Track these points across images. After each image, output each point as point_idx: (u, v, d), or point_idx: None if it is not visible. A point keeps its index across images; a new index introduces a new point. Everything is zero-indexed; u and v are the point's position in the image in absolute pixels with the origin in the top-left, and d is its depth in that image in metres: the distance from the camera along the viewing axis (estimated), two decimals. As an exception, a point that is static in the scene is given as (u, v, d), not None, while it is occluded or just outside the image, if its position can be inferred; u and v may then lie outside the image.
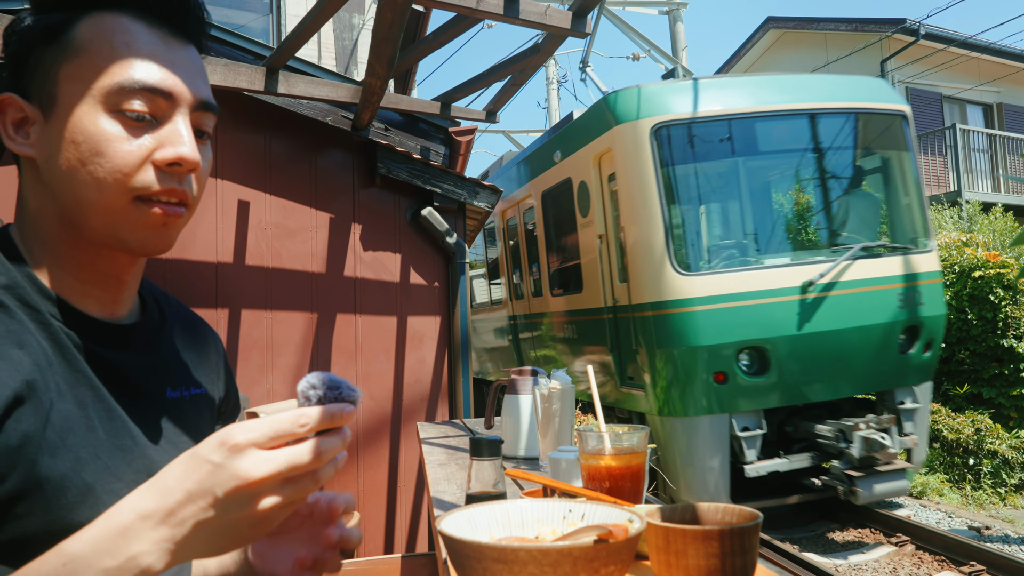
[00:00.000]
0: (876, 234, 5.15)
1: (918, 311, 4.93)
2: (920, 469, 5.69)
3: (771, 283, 4.64)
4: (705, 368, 4.55)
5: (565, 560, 0.65)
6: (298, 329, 3.48)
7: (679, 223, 4.77)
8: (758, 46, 16.80)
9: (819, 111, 4.96)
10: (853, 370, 4.82)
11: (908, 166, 5.25)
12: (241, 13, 7.40)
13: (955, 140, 13.00)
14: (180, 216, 0.75)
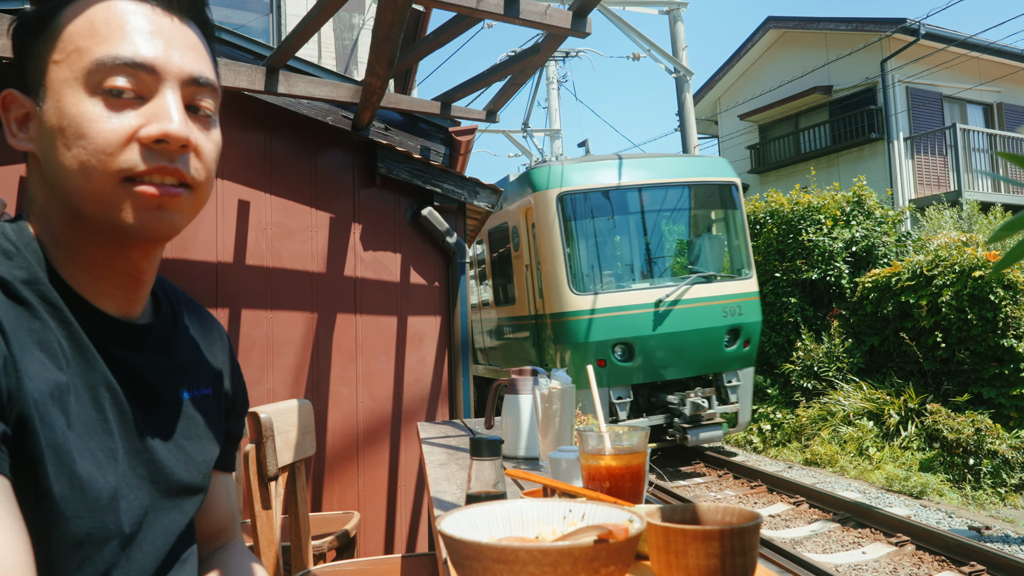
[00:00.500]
0: (711, 266, 7.46)
1: (739, 319, 7.18)
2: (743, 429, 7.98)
3: (635, 300, 6.89)
4: (591, 356, 6.75)
5: (565, 560, 0.65)
6: (298, 329, 3.48)
7: (574, 260, 6.99)
8: (758, 46, 16.79)
9: (670, 184, 7.32)
10: (692, 359, 7.04)
11: (738, 219, 7.62)
12: (241, 13, 7.40)
13: (955, 140, 13.00)
14: (179, 197, 0.72)
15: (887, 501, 6.38)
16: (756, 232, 9.74)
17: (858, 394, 8.13)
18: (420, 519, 3.69)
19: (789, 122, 16.52)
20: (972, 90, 14.75)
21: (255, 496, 1.80)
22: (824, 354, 8.63)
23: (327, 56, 7.55)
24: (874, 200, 9.50)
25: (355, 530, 2.56)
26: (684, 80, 12.02)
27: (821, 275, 9.01)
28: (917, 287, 7.97)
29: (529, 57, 3.24)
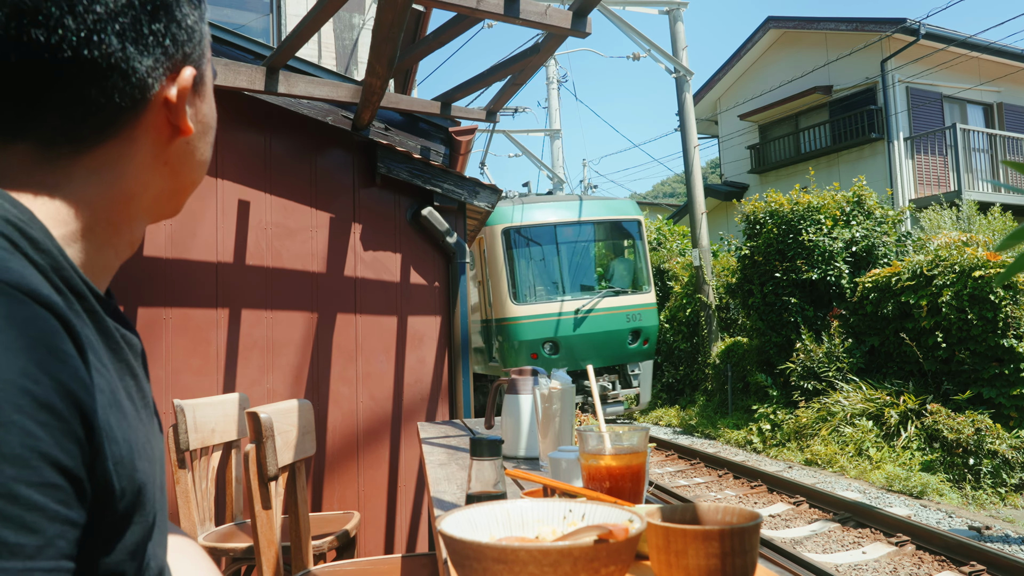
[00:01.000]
0: (618, 283, 9.72)
1: (639, 323, 9.46)
2: (644, 406, 10.01)
3: (560, 309, 9.09)
4: (527, 351, 8.97)
5: (565, 560, 0.65)
6: (298, 329, 3.48)
7: (515, 278, 9.16)
8: (758, 46, 16.79)
9: (589, 221, 9.60)
10: (604, 353, 9.21)
11: (640, 247, 9.90)
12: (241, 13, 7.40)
13: (955, 140, 13.00)
14: None
15: (887, 501, 6.38)
16: (756, 232, 9.74)
17: (858, 394, 8.13)
18: (420, 519, 3.69)
19: (789, 122, 16.52)
20: (972, 90, 14.75)
21: (255, 496, 1.80)
22: (824, 354, 8.63)
23: (327, 56, 7.55)
24: (874, 200, 9.50)
25: (355, 530, 2.56)
26: (684, 80, 12.02)
27: (821, 275, 9.01)
28: (917, 287, 7.97)
29: (529, 57, 3.24)
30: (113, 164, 0.63)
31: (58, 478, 0.46)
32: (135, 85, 0.60)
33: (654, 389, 13.19)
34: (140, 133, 0.64)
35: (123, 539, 0.55)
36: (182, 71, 0.65)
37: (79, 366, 0.50)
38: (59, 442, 0.46)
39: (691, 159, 12.00)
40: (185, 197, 0.73)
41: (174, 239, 3.27)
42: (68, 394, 0.48)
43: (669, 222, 16.79)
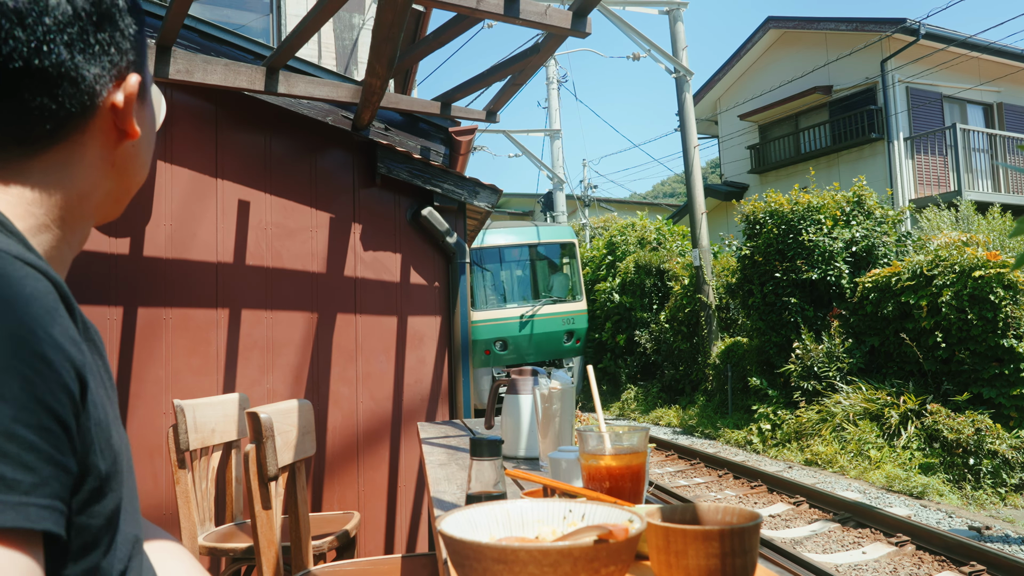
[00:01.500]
0: (556, 293, 11.56)
1: (572, 326, 11.39)
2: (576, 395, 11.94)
3: (509, 314, 10.98)
4: (482, 348, 10.65)
5: (565, 560, 0.65)
6: (298, 329, 3.48)
7: (473, 290, 10.64)
8: (758, 46, 16.79)
9: (533, 243, 11.66)
10: (543, 350, 11.14)
11: (575, 264, 11.91)
12: (241, 13, 7.40)
13: (955, 140, 13.00)
14: None
15: (887, 501, 6.38)
16: (756, 232, 9.74)
17: (858, 394, 8.12)
18: (420, 519, 3.69)
19: (789, 122, 16.52)
20: (972, 90, 14.75)
21: (255, 496, 1.80)
22: (824, 354, 8.63)
23: (327, 56, 7.55)
24: (874, 200, 9.50)
25: (355, 530, 2.56)
26: (684, 80, 12.02)
27: (821, 275, 9.00)
28: (917, 287, 7.97)
29: (529, 57, 3.24)
30: (64, 165, 0.67)
31: (52, 423, 0.49)
32: (84, 92, 0.64)
33: (653, 389, 13.23)
34: (89, 137, 0.67)
35: (102, 503, 0.58)
36: (128, 78, 0.69)
37: (70, 325, 0.54)
38: (52, 391, 0.50)
39: (691, 159, 12.00)
40: (128, 199, 0.77)
41: (174, 239, 3.27)
42: (61, 349, 0.51)
43: (669, 222, 16.79)
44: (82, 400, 0.54)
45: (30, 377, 0.48)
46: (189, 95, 3.27)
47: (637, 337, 13.77)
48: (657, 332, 13.35)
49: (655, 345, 13.42)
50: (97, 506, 0.58)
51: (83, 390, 0.54)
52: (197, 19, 3.19)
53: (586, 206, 22.51)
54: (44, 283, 0.53)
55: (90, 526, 0.58)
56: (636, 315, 13.96)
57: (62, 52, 0.61)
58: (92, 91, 0.65)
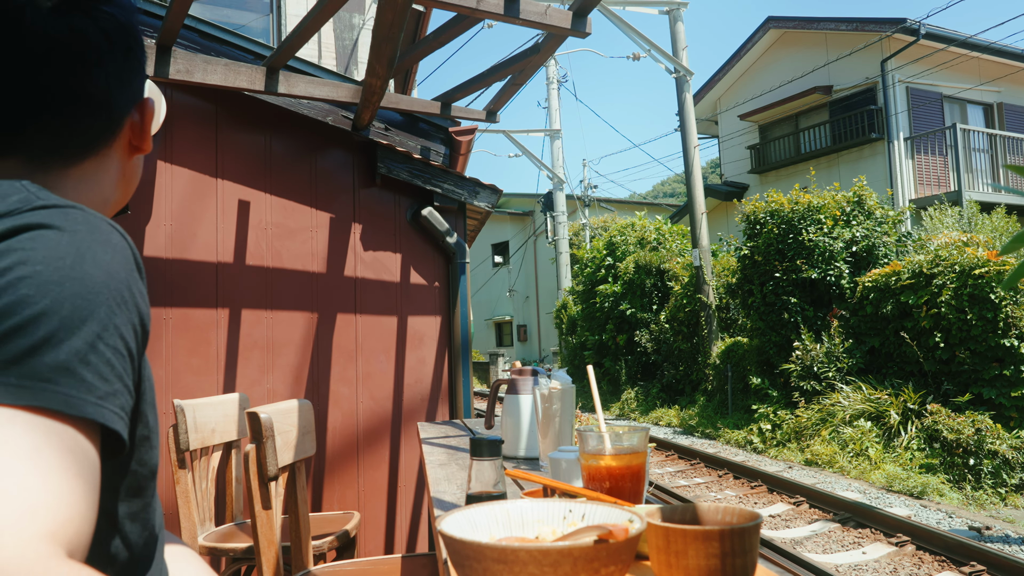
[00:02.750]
0: None
1: None
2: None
3: None
4: None
5: (565, 560, 0.65)
6: (298, 329, 3.48)
7: None
8: (758, 46, 16.79)
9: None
10: None
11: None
12: (241, 13, 7.40)
13: (955, 140, 13.00)
14: None
15: (887, 501, 6.38)
16: (756, 232, 9.74)
17: (858, 394, 8.12)
18: (420, 519, 3.69)
19: (789, 122, 16.52)
20: (972, 90, 14.74)
21: (255, 496, 1.80)
22: (824, 354, 8.63)
23: (327, 56, 7.55)
24: (874, 200, 9.50)
25: (355, 530, 2.56)
26: (684, 80, 12.02)
27: (821, 275, 9.00)
28: (917, 287, 7.97)
29: (529, 57, 3.24)
30: (93, 175, 0.78)
31: (124, 350, 0.58)
32: (115, 113, 0.77)
33: (653, 389, 13.21)
34: (113, 151, 0.80)
35: (149, 453, 0.70)
36: (146, 100, 0.82)
37: (139, 280, 0.64)
38: (125, 324, 0.59)
39: (691, 159, 12.00)
40: (118, 209, 0.87)
41: (174, 239, 3.27)
42: (132, 294, 0.61)
43: (669, 222, 16.80)
44: (143, 347, 0.64)
45: (113, 307, 0.58)
46: (189, 95, 3.27)
47: (637, 337, 13.77)
48: (657, 332, 13.35)
49: (655, 345, 13.42)
50: (145, 455, 0.69)
51: (145, 338, 0.64)
52: (197, 19, 3.19)
53: (586, 206, 22.52)
54: (124, 241, 0.64)
55: (137, 472, 0.68)
56: (636, 315, 13.96)
57: (105, 82, 0.74)
58: (121, 113, 0.78)
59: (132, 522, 0.69)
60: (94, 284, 0.56)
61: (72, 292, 0.55)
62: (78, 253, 0.57)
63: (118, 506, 0.66)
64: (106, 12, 0.73)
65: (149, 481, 0.71)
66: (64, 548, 0.45)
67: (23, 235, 0.56)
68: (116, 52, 0.74)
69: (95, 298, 0.56)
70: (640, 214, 16.32)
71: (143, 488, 0.70)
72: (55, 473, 0.48)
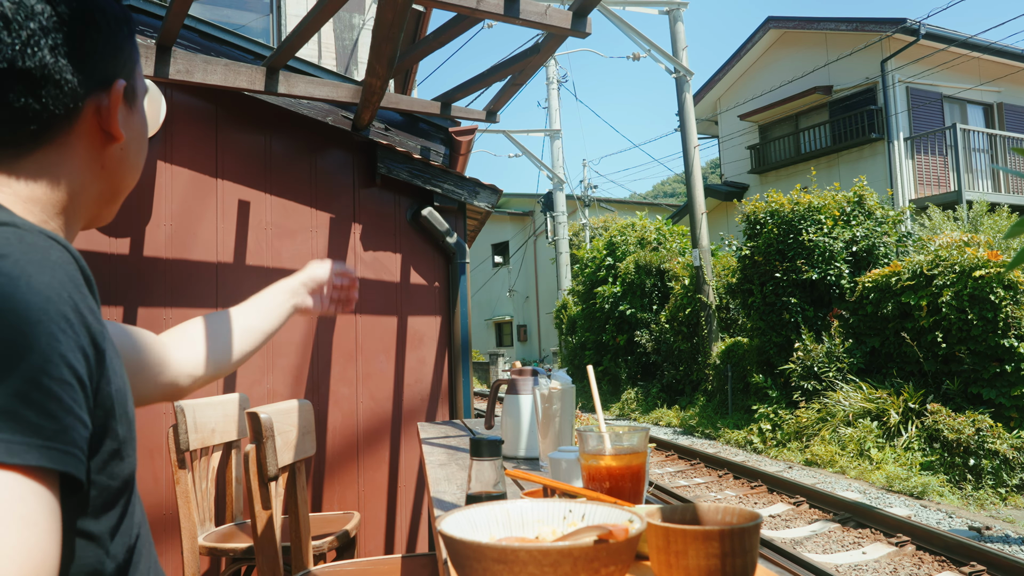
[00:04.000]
0: None
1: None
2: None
3: None
4: None
5: (565, 560, 0.65)
6: (298, 329, 3.48)
7: None
8: (758, 46, 16.79)
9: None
10: None
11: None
12: (241, 13, 7.40)
13: (955, 140, 13.00)
14: None
15: (887, 501, 6.38)
16: (756, 232, 9.74)
17: (858, 394, 8.12)
18: (420, 519, 3.69)
19: (789, 122, 16.52)
20: (972, 90, 14.74)
21: (255, 496, 1.80)
22: (824, 354, 8.63)
23: (327, 56, 7.55)
24: (875, 200, 9.50)
25: (355, 530, 2.56)
26: (684, 80, 12.02)
27: (821, 275, 9.00)
28: (917, 287, 7.97)
29: (529, 57, 3.24)
30: (53, 165, 0.71)
31: (72, 379, 0.54)
32: (67, 94, 0.68)
33: (653, 389, 13.21)
34: (75, 139, 0.72)
35: (120, 466, 0.65)
36: (114, 83, 0.73)
37: (88, 295, 0.59)
38: (72, 349, 0.54)
39: (691, 159, 12.00)
40: (118, 202, 0.82)
41: (174, 239, 3.27)
42: (80, 314, 0.56)
43: (669, 222, 16.79)
44: (99, 366, 0.59)
45: (55, 334, 0.53)
46: (189, 95, 3.27)
47: (637, 337, 13.77)
48: (657, 332, 13.35)
49: (655, 345, 13.42)
50: (116, 468, 0.64)
51: (100, 356, 0.59)
52: (197, 19, 3.19)
53: (586, 206, 22.52)
54: (67, 254, 0.59)
55: (109, 487, 0.63)
56: (636, 315, 13.96)
57: (46, 55, 0.65)
58: (76, 94, 0.69)
59: (112, 536, 0.66)
60: (30, 312, 0.51)
61: (6, 325, 0.50)
62: (10, 279, 0.51)
63: (96, 524, 0.63)
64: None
65: (123, 492, 0.67)
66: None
67: None
68: (70, 25, 0.66)
69: (34, 328, 0.51)
70: (641, 214, 16.33)
71: (117, 501, 0.66)
72: (12, 524, 0.46)
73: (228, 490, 2.77)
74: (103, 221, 0.82)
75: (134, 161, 0.80)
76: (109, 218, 0.82)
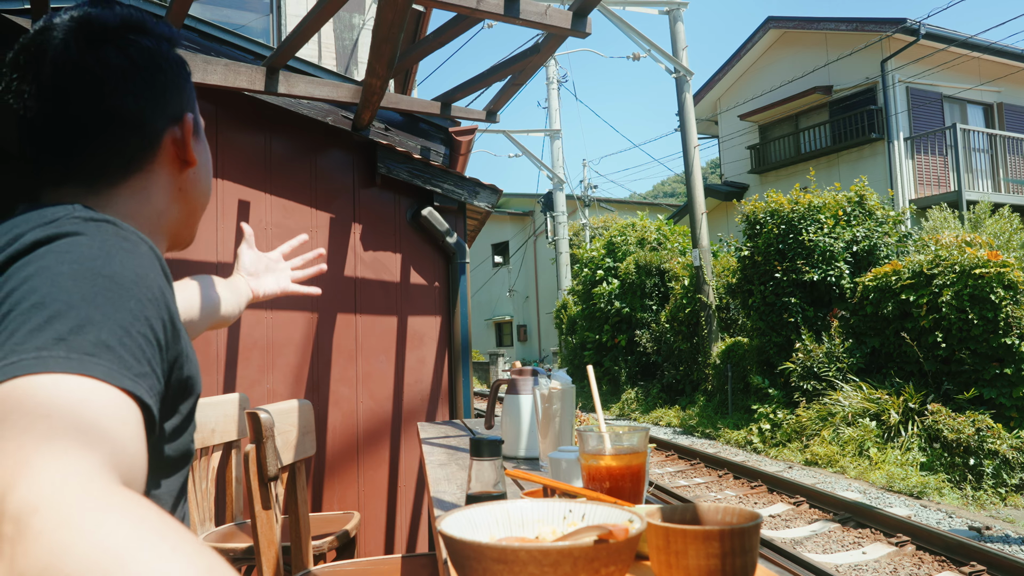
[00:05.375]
0: None
1: None
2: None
3: None
4: None
5: (565, 560, 0.65)
6: (298, 329, 3.48)
7: None
8: (758, 46, 16.79)
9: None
10: None
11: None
12: (241, 13, 7.40)
13: (955, 140, 13.00)
14: None
15: (887, 501, 6.38)
16: (756, 232, 9.74)
17: (858, 394, 8.12)
18: (420, 519, 3.69)
19: (789, 122, 16.52)
20: (972, 90, 14.74)
21: (255, 496, 1.80)
22: (824, 354, 8.63)
23: (327, 56, 7.55)
24: (875, 200, 9.50)
25: (355, 530, 2.56)
26: (684, 80, 12.02)
27: (821, 275, 9.00)
28: (917, 287, 7.97)
29: (529, 57, 3.24)
30: (142, 190, 0.85)
31: (154, 340, 0.64)
32: (148, 132, 0.83)
33: (654, 389, 13.21)
34: (157, 166, 0.87)
35: (180, 441, 0.80)
36: (185, 116, 0.88)
37: (167, 287, 0.72)
38: (155, 318, 0.65)
39: (691, 159, 12.00)
40: (196, 222, 0.95)
41: (174, 239, 3.27)
42: (164, 295, 0.69)
43: (669, 222, 16.79)
44: (175, 342, 0.71)
45: (143, 302, 0.64)
46: (189, 95, 3.26)
47: (637, 337, 13.77)
48: (657, 332, 13.35)
49: (655, 345, 13.42)
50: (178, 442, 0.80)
51: (176, 335, 0.71)
52: (197, 19, 3.19)
53: (586, 206, 22.52)
54: (153, 252, 0.72)
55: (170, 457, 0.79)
56: (636, 316, 13.96)
57: (128, 101, 0.80)
58: (155, 130, 0.84)
59: (169, 498, 0.80)
60: (123, 280, 0.63)
61: (103, 287, 0.61)
62: (107, 255, 0.64)
63: (160, 483, 0.78)
64: (132, 40, 0.81)
65: (181, 465, 0.82)
66: (120, 478, 0.49)
67: (60, 240, 0.64)
68: (144, 75, 0.81)
69: (124, 292, 0.62)
70: (641, 214, 16.33)
71: (175, 471, 0.81)
72: (104, 421, 0.52)
73: (228, 490, 2.77)
74: (184, 242, 0.95)
75: (205, 184, 0.94)
76: (190, 240, 0.95)
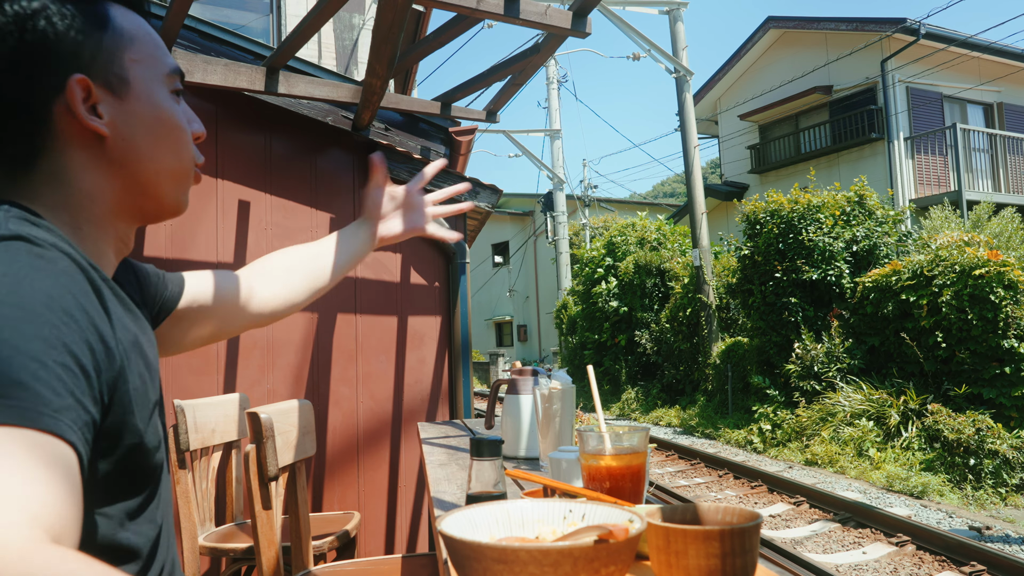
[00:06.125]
0: None
1: None
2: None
3: None
4: None
5: (565, 560, 0.65)
6: (298, 329, 3.48)
7: None
8: (758, 46, 16.79)
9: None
10: None
11: None
12: (241, 13, 7.40)
13: (955, 140, 13.00)
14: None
15: (887, 501, 6.38)
16: (756, 232, 9.74)
17: (858, 394, 8.12)
18: (420, 519, 3.69)
19: (789, 122, 16.52)
20: (972, 90, 14.74)
21: (255, 496, 1.80)
22: (824, 354, 8.63)
23: (327, 56, 7.55)
24: (875, 200, 9.50)
25: (355, 530, 2.56)
26: (684, 80, 12.02)
27: (821, 275, 9.00)
28: (917, 287, 7.97)
29: (529, 57, 3.24)
30: (56, 174, 0.74)
31: (75, 367, 0.58)
32: (21, 110, 0.71)
33: (654, 389, 13.21)
34: (63, 143, 0.73)
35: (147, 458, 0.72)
36: (68, 82, 0.72)
37: (95, 301, 0.64)
38: (75, 341, 0.59)
39: (691, 159, 12.00)
40: (167, 186, 0.82)
41: (174, 239, 3.27)
42: (85, 313, 0.61)
43: (669, 222, 16.79)
44: (109, 362, 0.63)
45: (58, 326, 0.57)
46: (189, 95, 3.26)
47: (637, 337, 13.76)
48: (657, 332, 13.34)
49: (655, 345, 13.42)
50: (139, 459, 0.71)
51: (110, 355, 0.63)
52: (197, 19, 3.19)
53: (586, 206, 22.52)
54: (74, 266, 0.64)
55: (131, 475, 0.71)
56: (636, 316, 13.95)
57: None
58: (28, 106, 0.71)
59: (132, 519, 0.71)
60: (33, 306, 0.57)
61: (10, 317, 0.55)
62: (15, 280, 0.58)
63: (113, 508, 0.69)
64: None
65: (147, 483, 0.73)
66: (47, 533, 0.46)
67: None
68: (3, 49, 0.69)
69: (36, 319, 0.56)
70: (642, 214, 16.32)
71: (140, 491, 0.72)
72: (23, 471, 0.49)
73: (228, 490, 2.77)
74: (162, 209, 0.83)
75: (149, 150, 0.78)
76: (173, 204, 0.83)
